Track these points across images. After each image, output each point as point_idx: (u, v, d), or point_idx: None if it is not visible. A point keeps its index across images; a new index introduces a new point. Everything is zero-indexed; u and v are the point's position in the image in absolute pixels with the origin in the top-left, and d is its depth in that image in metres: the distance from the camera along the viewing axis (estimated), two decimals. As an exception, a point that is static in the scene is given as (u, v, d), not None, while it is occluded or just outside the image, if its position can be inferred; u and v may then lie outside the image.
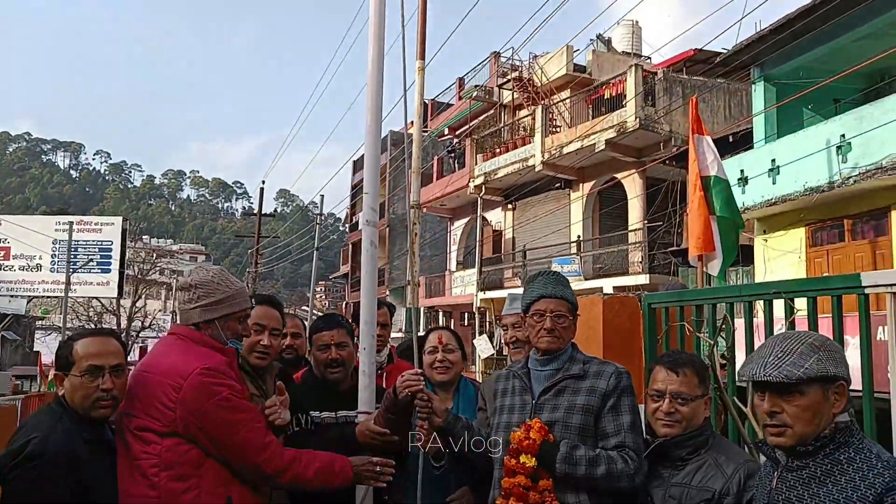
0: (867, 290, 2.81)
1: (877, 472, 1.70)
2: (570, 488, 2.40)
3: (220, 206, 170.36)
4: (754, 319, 3.39)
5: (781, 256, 13.51)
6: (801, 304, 3.09)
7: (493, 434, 2.61)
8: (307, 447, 2.58)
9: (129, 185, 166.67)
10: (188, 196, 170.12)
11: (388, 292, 30.96)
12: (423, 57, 9.41)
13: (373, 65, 3.05)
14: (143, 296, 44.35)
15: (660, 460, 2.42)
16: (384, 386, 3.21)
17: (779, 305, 3.18)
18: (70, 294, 22.69)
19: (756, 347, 2.01)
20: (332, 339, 3.02)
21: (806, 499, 1.74)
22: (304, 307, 56.28)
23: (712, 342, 3.11)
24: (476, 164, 24.13)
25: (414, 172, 8.71)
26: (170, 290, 59.48)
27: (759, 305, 3.30)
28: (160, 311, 51.11)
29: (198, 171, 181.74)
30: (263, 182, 30.55)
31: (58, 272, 23.23)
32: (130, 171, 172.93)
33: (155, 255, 55.19)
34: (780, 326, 3.29)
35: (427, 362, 3.11)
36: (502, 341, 3.35)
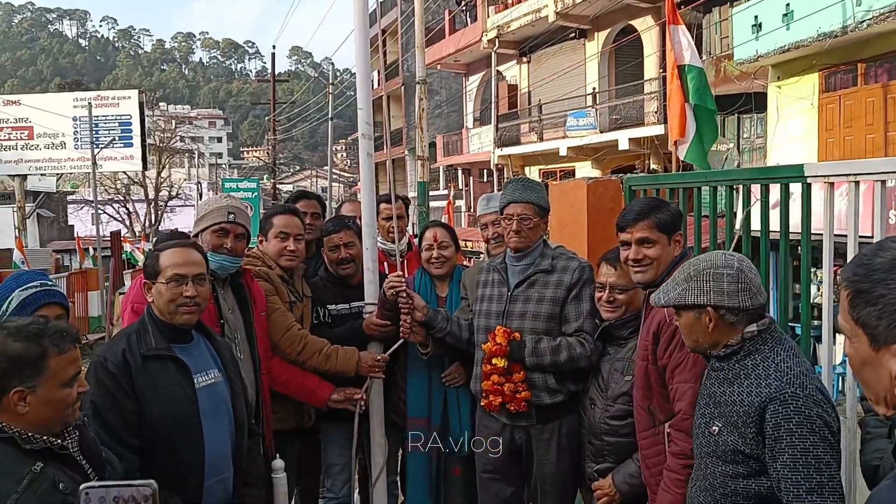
0: (808, 180, 3.16)
1: (766, 384, 1.95)
2: (540, 374, 2.94)
3: (233, 67, 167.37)
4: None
5: (794, 103, 13.49)
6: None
7: (476, 319, 3.13)
8: (326, 337, 3.20)
9: (140, 51, 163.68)
10: (200, 59, 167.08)
11: (405, 152, 31.17)
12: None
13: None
14: (168, 165, 44.83)
15: (607, 339, 2.91)
16: (406, 272, 3.69)
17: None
18: (97, 170, 23.18)
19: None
20: (341, 241, 3.47)
21: (719, 395, 2.08)
22: (325, 167, 56.55)
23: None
24: (488, 16, 23.52)
25: (419, 48, 8.79)
26: (192, 157, 59.99)
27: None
28: (185, 179, 51.89)
29: (207, 33, 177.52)
30: (274, 47, 30.10)
31: (82, 149, 23.69)
32: (139, 37, 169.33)
33: (174, 122, 55.17)
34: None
35: (424, 258, 3.55)
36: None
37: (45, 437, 1.77)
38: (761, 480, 1.96)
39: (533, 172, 23.90)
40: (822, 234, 3.04)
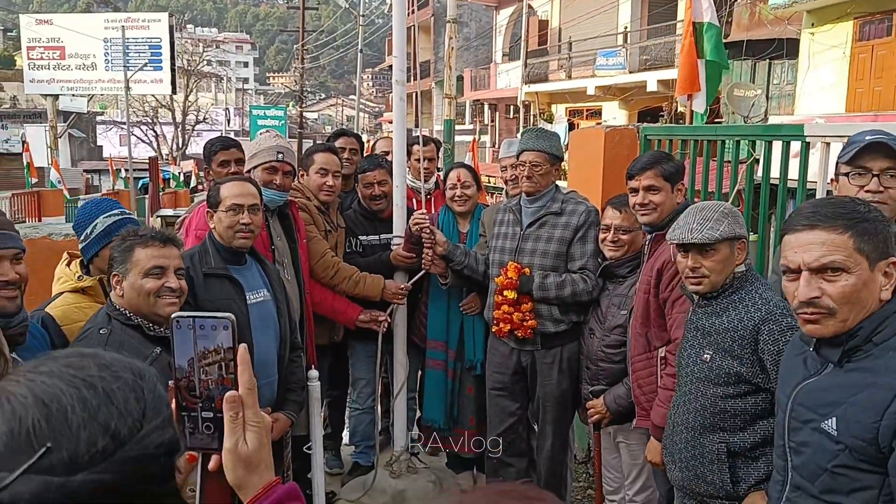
0: (807, 138, 3.42)
1: (755, 310, 2.26)
2: (545, 305, 3.31)
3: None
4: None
5: (826, 51, 13.38)
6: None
7: (491, 254, 3.50)
8: (357, 265, 3.57)
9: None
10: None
11: (433, 84, 31.07)
12: None
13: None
14: (195, 89, 44.82)
15: (607, 277, 3.24)
16: (434, 209, 4.05)
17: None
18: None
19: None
20: (375, 179, 3.80)
21: (707, 326, 2.38)
22: (350, 96, 56.32)
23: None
24: (522, -52, 23.11)
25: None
26: (219, 82, 59.98)
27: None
28: (212, 104, 52.07)
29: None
30: (304, -27, 29.62)
31: (112, 70, 23.96)
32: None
33: (202, 46, 54.88)
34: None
35: (448, 196, 3.87)
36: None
37: (163, 328, 2.19)
38: (748, 400, 2.28)
39: (559, 110, 23.86)
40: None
